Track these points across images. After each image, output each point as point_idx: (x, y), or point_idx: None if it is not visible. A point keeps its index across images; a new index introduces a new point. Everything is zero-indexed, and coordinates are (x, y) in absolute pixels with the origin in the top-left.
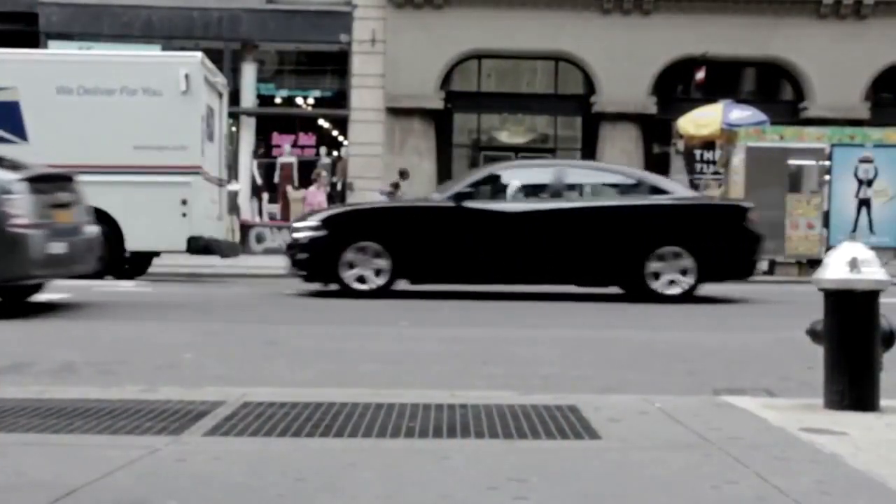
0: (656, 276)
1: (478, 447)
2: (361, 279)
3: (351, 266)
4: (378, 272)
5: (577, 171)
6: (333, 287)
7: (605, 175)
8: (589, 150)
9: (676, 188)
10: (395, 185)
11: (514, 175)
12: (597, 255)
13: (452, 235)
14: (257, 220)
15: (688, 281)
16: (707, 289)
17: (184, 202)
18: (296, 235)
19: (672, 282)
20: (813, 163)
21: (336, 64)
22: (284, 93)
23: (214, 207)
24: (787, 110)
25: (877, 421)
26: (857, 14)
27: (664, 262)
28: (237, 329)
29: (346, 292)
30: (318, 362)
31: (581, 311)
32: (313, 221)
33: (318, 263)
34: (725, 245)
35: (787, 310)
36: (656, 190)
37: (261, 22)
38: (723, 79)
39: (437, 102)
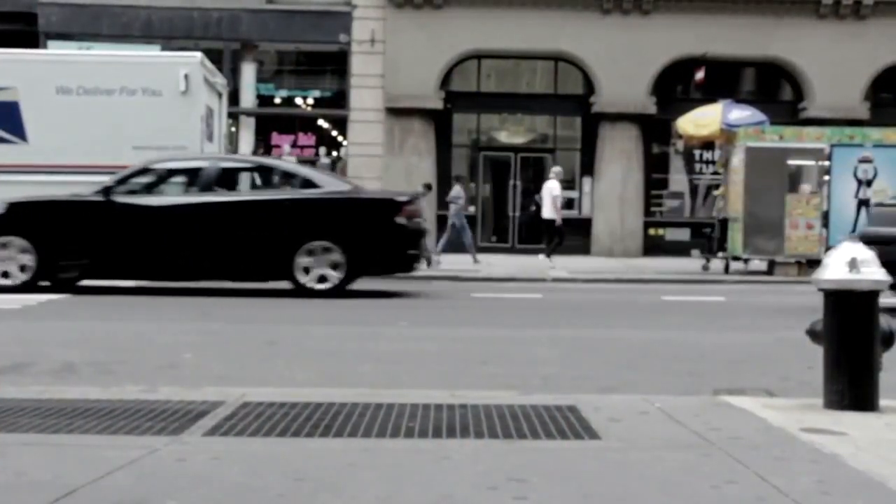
0: (307, 270)
1: (478, 447)
2: (5, 274)
3: None
4: (23, 268)
5: (231, 166)
6: None
7: (259, 169)
8: (588, 151)
9: (330, 182)
10: (428, 186)
11: (168, 168)
12: (246, 249)
13: (101, 231)
14: None
15: (337, 275)
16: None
17: None
18: None
19: (322, 276)
20: (812, 163)
21: (335, 64)
22: (284, 93)
23: None
24: (786, 110)
25: (876, 421)
26: (856, 14)
27: (314, 256)
28: (237, 329)
29: None
30: (318, 362)
31: (580, 311)
32: None
33: None
34: (376, 239)
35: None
36: (310, 184)
37: (260, 22)
38: (722, 79)
39: (436, 102)
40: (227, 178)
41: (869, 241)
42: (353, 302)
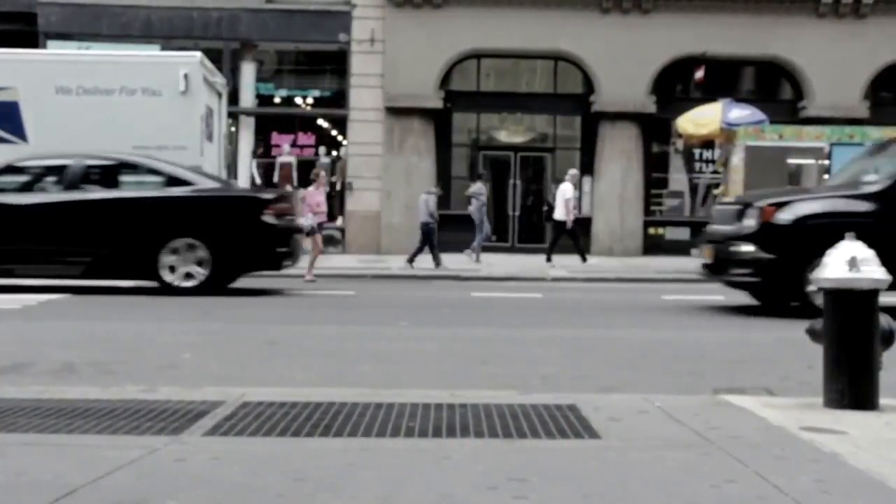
0: (172, 268)
1: (478, 447)
2: None
3: None
4: None
5: (96, 163)
6: None
7: (125, 167)
8: (588, 150)
9: (199, 180)
10: (440, 187)
11: (32, 166)
12: (108, 247)
13: None
14: None
15: (203, 273)
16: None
17: None
18: None
19: (188, 274)
20: (812, 162)
21: (335, 64)
22: (283, 92)
23: None
24: (786, 109)
25: (876, 420)
26: (856, 13)
27: (179, 253)
28: (237, 329)
29: None
30: (317, 362)
31: (580, 311)
32: None
33: None
34: (241, 237)
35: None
36: (178, 181)
37: (260, 22)
38: (722, 78)
39: (436, 102)
40: (93, 176)
41: (708, 239)
42: (352, 302)
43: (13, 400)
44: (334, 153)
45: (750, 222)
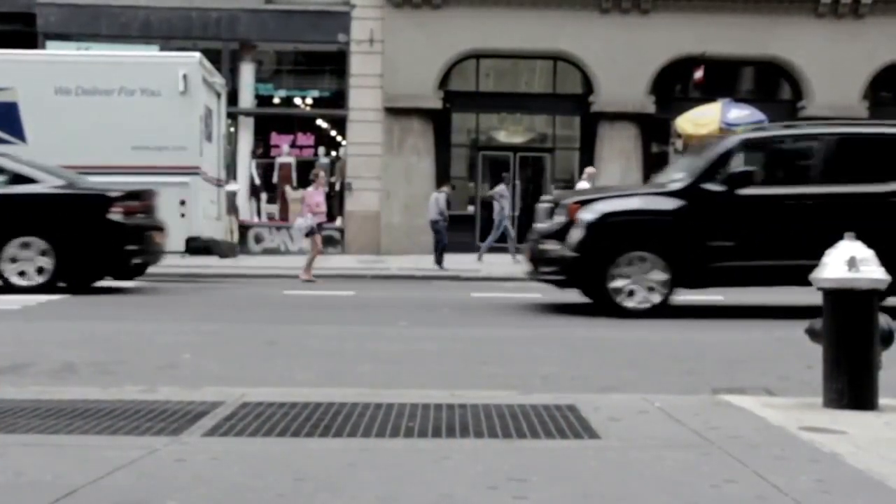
0: (20, 270)
1: (478, 447)
2: None
3: None
4: None
5: None
6: None
7: None
8: (587, 150)
9: (45, 178)
10: (452, 186)
11: None
12: None
13: None
14: (256, 220)
15: (47, 273)
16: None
17: (182, 203)
18: None
19: (32, 273)
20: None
21: (334, 64)
22: (283, 93)
23: (213, 208)
24: (785, 109)
25: (876, 419)
26: (854, 13)
27: (20, 253)
28: (237, 329)
29: None
30: (317, 362)
31: (579, 310)
32: None
33: None
34: (85, 235)
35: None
36: (23, 179)
37: (259, 22)
38: (721, 78)
39: (435, 102)
40: None
41: (529, 238)
42: (352, 302)
43: (13, 400)
44: (333, 153)
45: (559, 220)
